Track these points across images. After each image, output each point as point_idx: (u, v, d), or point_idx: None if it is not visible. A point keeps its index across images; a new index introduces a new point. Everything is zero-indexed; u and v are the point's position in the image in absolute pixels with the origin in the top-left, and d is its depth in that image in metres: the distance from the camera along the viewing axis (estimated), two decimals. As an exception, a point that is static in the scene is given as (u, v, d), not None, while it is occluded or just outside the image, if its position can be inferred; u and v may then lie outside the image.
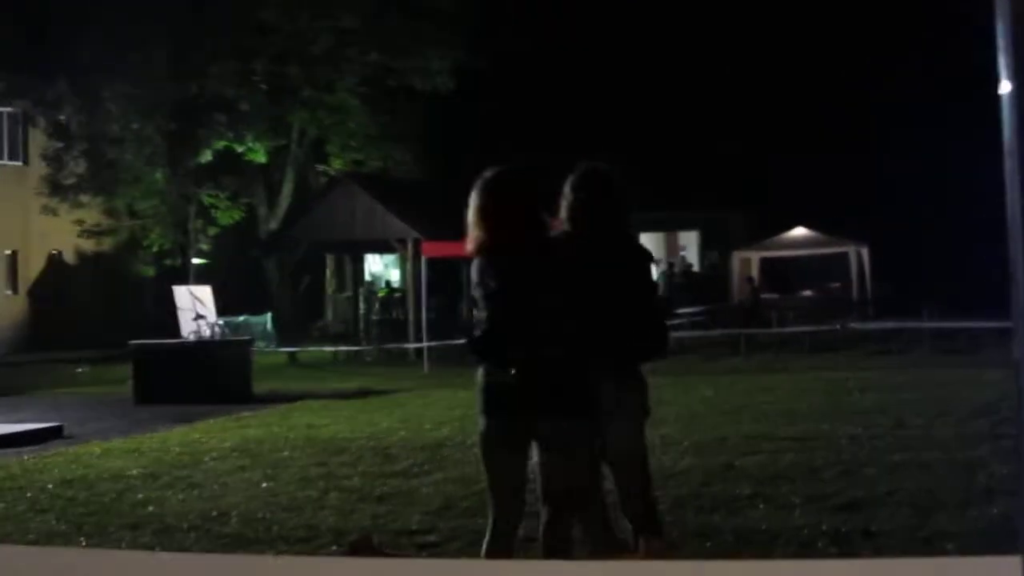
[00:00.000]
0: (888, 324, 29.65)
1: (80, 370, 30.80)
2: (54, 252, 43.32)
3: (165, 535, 9.31)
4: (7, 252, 42.02)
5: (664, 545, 6.50)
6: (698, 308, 34.72)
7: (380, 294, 38.29)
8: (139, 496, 11.13)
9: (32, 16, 34.06)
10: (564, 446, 6.05)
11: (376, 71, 38.33)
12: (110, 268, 41.41)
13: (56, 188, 37.79)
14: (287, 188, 39.93)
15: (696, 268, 47.42)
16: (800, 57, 47.22)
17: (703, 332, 29.32)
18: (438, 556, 7.94)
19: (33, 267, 42.98)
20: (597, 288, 6.31)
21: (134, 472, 12.58)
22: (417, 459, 12.54)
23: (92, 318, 40.29)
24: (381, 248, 39.58)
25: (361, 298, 39.21)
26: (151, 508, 10.50)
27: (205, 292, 25.32)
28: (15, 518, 10.30)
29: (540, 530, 6.32)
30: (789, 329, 30.46)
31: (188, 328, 23.66)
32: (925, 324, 27.70)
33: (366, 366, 30.00)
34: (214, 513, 10.07)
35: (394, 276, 42.44)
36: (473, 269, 6.17)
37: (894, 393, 17.42)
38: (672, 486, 10.19)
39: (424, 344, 29.09)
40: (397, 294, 37.69)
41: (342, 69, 37.62)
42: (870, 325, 30.91)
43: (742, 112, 47.13)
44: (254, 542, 8.93)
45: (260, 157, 38.33)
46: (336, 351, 32.97)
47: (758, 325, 31.29)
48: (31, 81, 36.32)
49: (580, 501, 6.21)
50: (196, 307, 23.86)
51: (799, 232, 39.03)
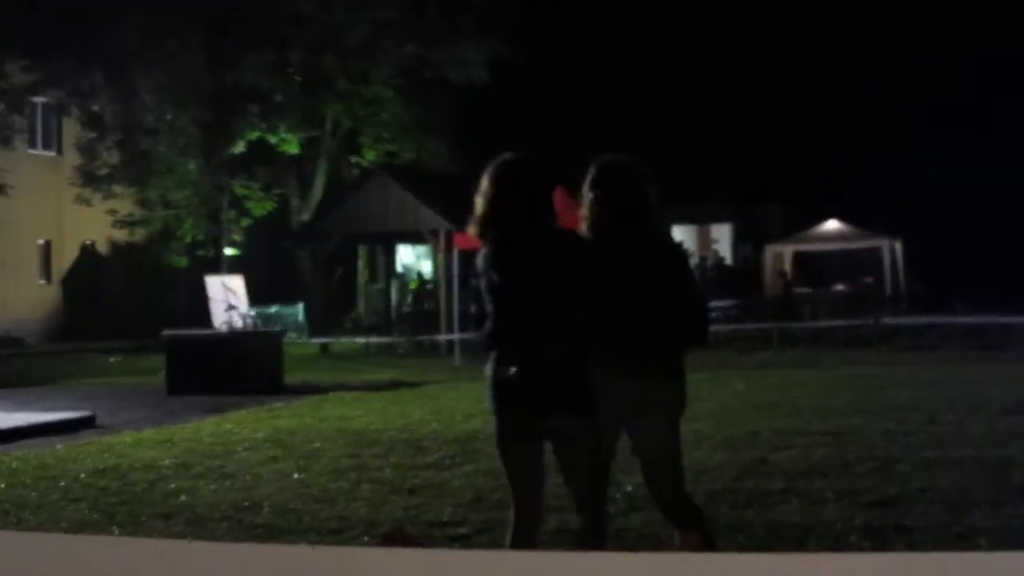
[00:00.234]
0: (921, 319, 29.54)
1: (113, 360, 30.92)
2: (87, 242, 43.51)
3: (197, 525, 9.35)
4: (40, 242, 42.23)
5: (700, 539, 6.46)
6: (730, 302, 34.63)
7: (412, 286, 38.31)
8: (171, 486, 11.17)
9: (67, 5, 34.10)
10: (568, 442, 6.00)
11: (412, 63, 38.29)
12: (143, 258, 41.51)
13: (89, 178, 37.90)
14: (320, 179, 39.94)
15: (728, 262, 47.27)
16: (835, 50, 47.07)
17: (736, 326, 29.22)
18: (470, 548, 7.94)
19: (66, 257, 43.19)
20: (622, 284, 6.23)
21: (166, 462, 12.62)
22: (448, 451, 12.54)
23: (125, 308, 40.50)
24: (413, 239, 39.60)
25: (393, 290, 39.20)
26: (183, 498, 10.54)
27: (237, 283, 25.32)
28: (48, 507, 10.34)
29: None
30: (822, 323, 30.36)
31: (220, 319, 23.65)
32: (958, 319, 27.58)
33: (398, 358, 29.99)
34: (246, 503, 10.10)
35: (426, 268, 42.47)
36: (479, 258, 6.12)
37: (927, 389, 17.33)
38: (705, 481, 10.16)
39: (456, 336, 29.05)
40: (429, 286, 37.68)
41: (378, 60, 37.58)
42: (903, 320, 30.76)
43: (776, 105, 47.03)
44: (286, 532, 8.95)
45: (293, 148, 38.36)
46: (368, 342, 33.00)
47: (791, 319, 31.18)
48: (65, 71, 36.38)
49: (584, 496, 6.15)
50: (228, 298, 23.85)
51: (832, 226, 38.82)
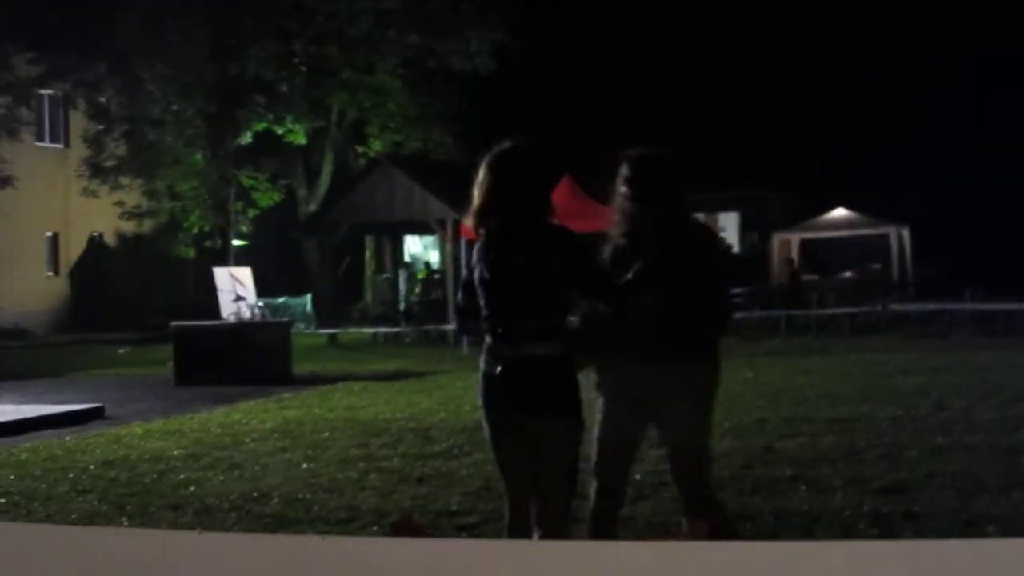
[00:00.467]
0: (929, 306, 29.46)
1: (121, 351, 30.95)
2: (95, 234, 43.55)
3: (206, 515, 9.36)
4: (48, 234, 42.26)
5: (707, 528, 6.46)
6: (738, 289, 34.55)
7: (419, 276, 38.32)
8: (180, 477, 11.18)
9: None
10: (547, 445, 5.95)
11: (416, 52, 38.29)
12: (150, 250, 41.59)
13: (96, 170, 37.96)
14: (326, 170, 39.99)
15: (736, 249, 47.19)
16: (841, 37, 46.99)
17: (743, 314, 29.16)
18: (478, 537, 7.94)
19: (74, 249, 43.23)
20: (662, 278, 6.15)
21: (175, 453, 12.63)
22: (456, 440, 12.53)
23: (132, 299, 40.55)
24: (420, 229, 39.63)
25: (401, 280, 39.25)
26: (192, 489, 10.55)
27: (245, 273, 25.29)
28: (57, 499, 10.35)
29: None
30: (829, 311, 30.29)
31: (228, 310, 23.63)
32: (966, 306, 27.53)
33: (405, 348, 30.00)
34: (255, 494, 10.11)
35: (433, 258, 42.46)
36: (474, 250, 6.06)
37: (935, 375, 17.33)
38: (713, 469, 10.14)
39: (463, 325, 28.96)
40: (436, 275, 37.70)
41: (382, 51, 37.59)
42: (911, 307, 30.70)
43: (784, 93, 46.94)
44: (295, 523, 8.96)
45: (300, 139, 38.42)
46: (375, 332, 33.01)
47: (798, 306, 31.11)
48: (72, 63, 36.44)
49: (548, 503, 6.05)
50: (236, 289, 23.85)
51: (839, 213, 38.73)
